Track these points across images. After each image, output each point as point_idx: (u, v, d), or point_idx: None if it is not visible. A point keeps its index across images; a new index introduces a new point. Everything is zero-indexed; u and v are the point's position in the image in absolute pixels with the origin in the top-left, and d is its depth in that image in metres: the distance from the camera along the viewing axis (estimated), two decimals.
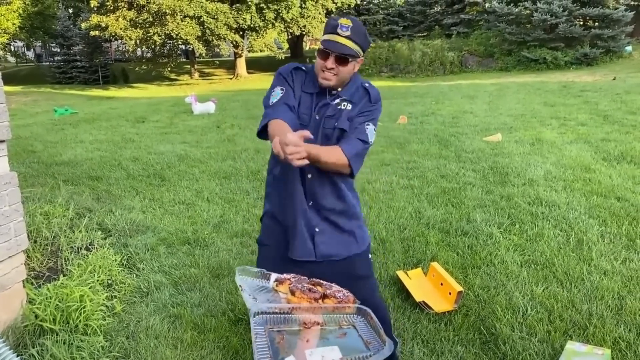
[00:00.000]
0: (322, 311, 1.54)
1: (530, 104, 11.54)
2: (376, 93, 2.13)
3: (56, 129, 10.60)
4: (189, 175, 6.40)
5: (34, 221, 4.11)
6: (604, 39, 21.78)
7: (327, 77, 2.02)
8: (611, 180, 5.47)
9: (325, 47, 1.99)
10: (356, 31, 1.98)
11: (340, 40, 1.96)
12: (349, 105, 2.07)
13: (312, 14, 25.83)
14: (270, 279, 1.70)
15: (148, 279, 3.62)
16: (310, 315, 1.51)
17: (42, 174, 6.49)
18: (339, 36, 1.97)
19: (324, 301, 1.57)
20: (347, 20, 1.97)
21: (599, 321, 2.91)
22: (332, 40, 1.98)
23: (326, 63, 2.00)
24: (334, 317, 1.55)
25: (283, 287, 1.62)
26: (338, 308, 1.55)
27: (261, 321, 1.46)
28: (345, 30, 1.96)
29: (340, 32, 1.97)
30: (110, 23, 23.29)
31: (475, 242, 4.11)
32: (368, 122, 2.05)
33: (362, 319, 1.55)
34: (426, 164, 6.53)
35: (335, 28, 1.98)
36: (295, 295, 1.54)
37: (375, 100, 2.11)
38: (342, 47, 1.97)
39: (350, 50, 1.98)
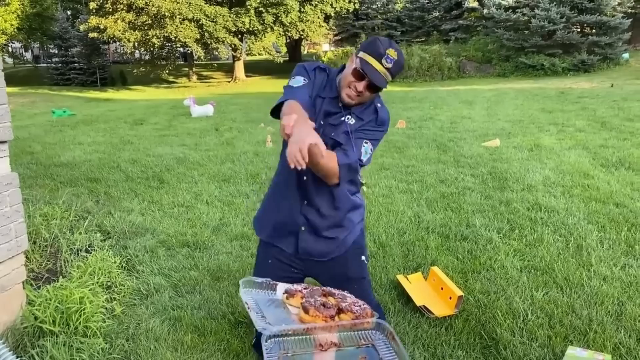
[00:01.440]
0: (339, 329, 1.43)
1: (528, 110, 11.58)
2: (385, 115, 2.09)
3: (54, 131, 10.59)
4: (188, 178, 6.39)
5: (33, 222, 4.10)
6: (602, 46, 21.87)
7: (351, 96, 1.99)
8: (610, 187, 5.49)
9: (364, 70, 1.92)
10: (397, 65, 1.94)
11: (380, 71, 1.92)
12: (352, 120, 2.04)
13: (310, 18, 25.90)
14: (277, 290, 1.61)
15: (148, 282, 3.61)
16: (326, 335, 1.41)
17: (40, 176, 6.47)
18: (381, 66, 1.92)
19: (340, 316, 1.45)
20: (395, 53, 1.92)
21: (599, 327, 2.91)
22: (373, 66, 1.92)
23: (357, 85, 1.96)
24: (352, 336, 1.45)
25: (294, 300, 1.53)
26: (356, 324, 1.43)
27: (274, 346, 1.36)
28: (389, 62, 1.92)
29: (384, 63, 1.92)
30: (109, 25, 23.28)
31: (474, 246, 4.11)
32: (367, 140, 2.02)
33: (381, 336, 1.45)
34: (425, 169, 6.54)
35: (381, 57, 1.92)
36: (309, 314, 1.42)
37: (381, 122, 2.07)
38: (381, 79, 1.93)
39: (385, 83, 1.95)
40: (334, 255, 2.19)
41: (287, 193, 2.17)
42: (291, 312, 1.48)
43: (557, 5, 21.74)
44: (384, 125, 2.08)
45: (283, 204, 2.19)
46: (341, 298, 1.52)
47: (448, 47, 26.08)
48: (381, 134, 2.09)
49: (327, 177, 1.96)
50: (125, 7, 23.43)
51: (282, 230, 2.19)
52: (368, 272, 2.37)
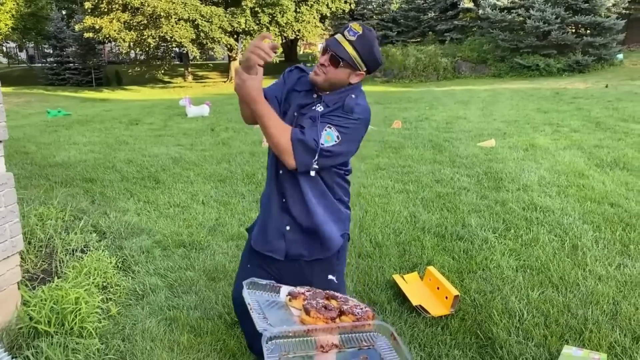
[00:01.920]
0: (340, 331, 1.43)
1: (523, 110, 11.62)
2: (352, 103, 1.97)
3: (49, 131, 10.55)
4: (183, 178, 6.38)
5: (28, 223, 4.09)
6: (596, 47, 21.97)
7: (316, 71, 1.97)
8: (604, 187, 5.51)
9: (326, 42, 1.98)
10: (362, 41, 1.91)
11: (341, 41, 1.92)
12: (321, 107, 1.99)
13: (306, 18, 25.89)
14: (281, 292, 1.61)
15: (143, 282, 3.60)
16: (327, 337, 1.40)
17: (35, 176, 6.45)
18: (344, 38, 1.92)
19: (341, 318, 1.45)
20: (359, 27, 1.92)
21: (595, 326, 2.93)
22: (335, 39, 1.94)
23: (321, 59, 1.97)
24: (353, 337, 1.44)
25: (297, 302, 1.52)
26: (357, 326, 1.43)
27: (274, 348, 1.35)
28: (351, 34, 1.91)
29: (345, 34, 1.92)
30: (104, 25, 23.19)
31: (470, 246, 4.12)
32: (330, 125, 1.92)
33: (383, 337, 1.45)
34: (421, 169, 6.55)
35: (344, 29, 1.94)
36: (311, 315, 1.42)
37: (348, 110, 1.96)
38: (339, 47, 1.91)
39: (345, 54, 1.91)
40: (301, 260, 2.11)
41: (268, 191, 2.15)
42: (293, 314, 1.48)
43: (552, 6, 21.83)
44: (351, 112, 1.95)
45: (268, 204, 2.16)
46: (343, 301, 1.52)
47: (443, 48, 26.11)
48: (350, 121, 1.94)
49: (281, 153, 1.89)
50: (120, 7, 23.34)
51: (269, 229, 2.14)
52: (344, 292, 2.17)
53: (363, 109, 1.99)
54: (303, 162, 1.91)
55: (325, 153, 1.91)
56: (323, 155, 1.91)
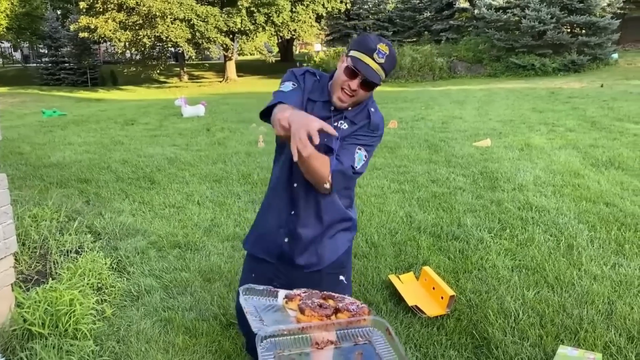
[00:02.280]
0: (336, 327, 1.43)
1: (519, 110, 11.64)
2: (378, 120, 1.98)
3: (44, 131, 10.51)
4: (179, 179, 6.36)
5: (23, 224, 4.07)
6: (591, 47, 22.03)
7: (343, 98, 1.90)
8: (600, 186, 5.53)
9: (356, 67, 1.84)
10: (390, 59, 1.86)
11: (373, 66, 1.84)
12: (345, 125, 1.94)
13: (302, 18, 25.88)
14: (279, 296, 1.60)
15: (138, 283, 3.59)
16: (322, 334, 1.40)
17: (30, 176, 6.42)
18: (373, 61, 1.84)
19: (337, 316, 1.46)
20: (386, 47, 1.85)
21: (590, 325, 2.93)
22: (365, 62, 1.84)
23: (351, 84, 1.87)
24: (349, 333, 1.44)
25: (293, 304, 1.53)
26: (352, 322, 1.44)
27: (269, 346, 1.35)
28: (381, 57, 1.84)
29: (375, 58, 1.83)
30: (100, 25, 23.13)
31: (466, 246, 4.12)
32: (360, 146, 1.92)
33: (379, 332, 1.45)
34: (417, 169, 6.55)
35: (372, 52, 1.84)
36: (305, 314, 1.43)
37: (374, 128, 1.97)
38: (374, 74, 1.84)
39: (379, 79, 1.86)
40: (313, 269, 2.08)
41: (275, 202, 2.10)
42: (290, 315, 1.49)
43: (547, 6, 21.87)
44: (377, 130, 1.97)
45: (270, 214, 2.12)
46: (340, 299, 1.53)
47: (439, 48, 26.15)
48: (375, 139, 1.98)
49: (318, 184, 1.88)
50: (115, 6, 23.28)
51: (266, 241, 2.11)
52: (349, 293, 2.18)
53: (383, 121, 2.02)
54: (338, 186, 1.92)
55: (356, 175, 1.94)
56: (354, 177, 1.96)
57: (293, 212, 2.04)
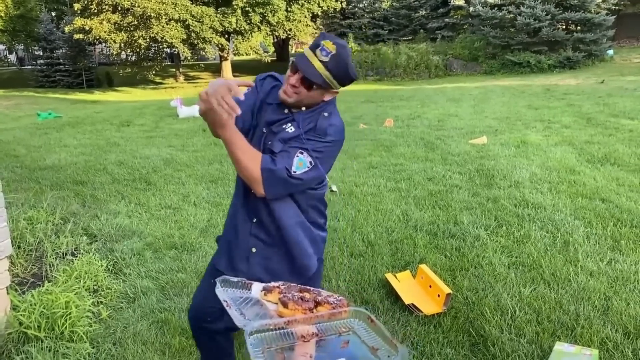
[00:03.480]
0: (318, 320, 1.44)
1: (514, 107, 11.65)
2: (325, 124, 1.84)
3: (40, 133, 10.48)
4: (175, 180, 6.35)
5: (18, 227, 4.05)
6: (586, 43, 22.06)
7: (287, 92, 1.82)
8: (596, 182, 5.54)
9: (296, 61, 1.79)
10: (337, 61, 1.76)
11: (313, 62, 1.76)
12: (292, 128, 1.85)
13: (297, 17, 25.84)
14: (252, 289, 1.59)
15: (135, 285, 3.58)
16: (306, 327, 1.42)
17: (25, 179, 6.40)
18: (315, 57, 1.77)
19: (318, 309, 1.47)
20: (332, 45, 1.76)
21: (586, 322, 2.93)
22: (307, 58, 1.78)
23: (291, 78, 1.81)
24: (331, 325, 1.46)
25: (272, 296, 1.52)
26: (334, 314, 1.46)
27: (257, 342, 1.36)
28: (324, 55, 1.75)
29: (317, 54, 1.76)
30: (94, 26, 23.05)
31: (462, 244, 4.12)
32: (302, 150, 1.79)
33: (361, 322, 1.47)
34: (413, 167, 6.55)
35: (316, 47, 1.77)
36: (289, 307, 1.44)
37: (320, 132, 1.83)
38: (313, 70, 1.76)
39: (319, 78, 1.77)
40: None
41: (237, 212, 2.02)
42: (269, 308, 1.49)
43: (542, 3, 21.89)
44: (325, 135, 1.82)
45: (233, 224, 2.03)
46: (317, 293, 1.55)
47: (435, 46, 26.15)
48: (326, 145, 1.83)
49: (249, 181, 1.80)
50: (110, 8, 23.20)
51: (233, 253, 2.03)
52: None
53: (337, 129, 1.87)
54: (272, 191, 1.81)
55: (296, 181, 1.80)
56: (294, 184, 1.81)
57: (255, 220, 1.96)
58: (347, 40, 28.30)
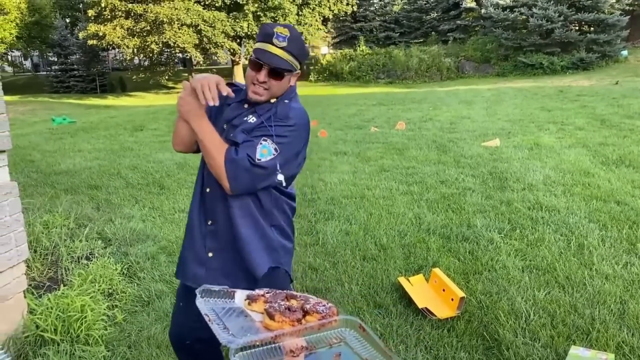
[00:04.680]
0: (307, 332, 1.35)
1: (527, 109, 11.58)
2: (286, 110, 1.81)
3: (54, 138, 10.60)
4: (188, 183, 6.38)
5: (34, 231, 4.10)
6: (600, 44, 21.89)
7: (257, 91, 1.80)
8: (610, 185, 5.48)
9: (257, 57, 1.76)
10: (294, 41, 1.76)
11: (274, 51, 1.75)
12: (253, 118, 1.82)
13: (309, 21, 25.94)
14: (236, 297, 1.49)
15: (149, 288, 3.61)
16: (295, 340, 1.33)
17: (40, 184, 6.48)
18: (274, 46, 1.75)
19: (306, 319, 1.37)
20: (284, 29, 1.75)
21: (602, 326, 2.90)
22: (265, 50, 1.75)
23: (258, 75, 1.77)
24: (322, 337, 1.37)
25: (257, 305, 1.42)
26: (324, 324, 1.36)
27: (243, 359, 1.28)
28: (281, 40, 1.74)
29: (275, 42, 1.75)
30: (108, 32, 23.33)
31: (476, 247, 4.10)
32: (266, 137, 1.75)
33: (351, 331, 1.38)
34: (425, 170, 6.54)
35: (270, 37, 1.75)
36: (275, 320, 1.33)
37: (282, 117, 1.79)
38: (277, 59, 1.75)
39: (286, 64, 1.76)
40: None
41: (193, 214, 1.95)
42: (254, 319, 1.39)
43: (554, 4, 21.78)
44: (287, 119, 1.79)
45: (189, 228, 1.96)
46: (304, 299, 1.44)
47: (446, 48, 26.11)
48: (290, 130, 1.78)
49: (218, 176, 1.76)
50: (123, 14, 23.48)
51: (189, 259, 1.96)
52: None
53: (299, 112, 1.84)
54: (238, 184, 1.74)
55: (261, 170, 1.73)
56: (259, 174, 1.74)
57: (210, 222, 1.90)
58: (359, 43, 28.35)
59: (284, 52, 1.75)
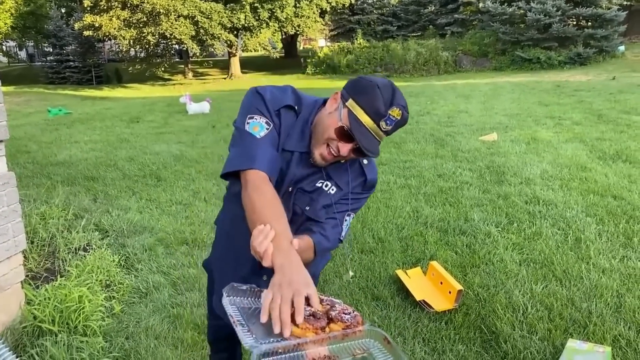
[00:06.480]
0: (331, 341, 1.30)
1: (525, 104, 11.58)
2: (374, 177, 1.62)
3: (50, 129, 10.54)
4: (185, 176, 6.37)
5: (31, 222, 4.09)
6: (597, 39, 21.87)
7: (328, 158, 1.48)
8: (607, 179, 5.50)
9: (354, 132, 1.40)
10: (399, 125, 1.46)
11: (376, 134, 1.42)
12: (333, 189, 1.55)
13: (306, 13, 25.82)
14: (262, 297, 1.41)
15: (147, 280, 3.61)
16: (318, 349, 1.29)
17: (37, 175, 6.45)
18: (379, 129, 1.42)
19: (330, 326, 1.33)
20: (399, 112, 1.42)
21: (599, 319, 2.92)
22: (367, 128, 1.40)
23: (341, 147, 1.44)
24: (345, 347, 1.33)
25: None
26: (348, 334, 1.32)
27: None
28: (389, 124, 1.42)
29: (382, 126, 1.41)
30: (104, 23, 23.17)
31: (473, 241, 4.11)
32: (350, 212, 1.59)
33: (376, 342, 1.34)
34: (423, 164, 6.54)
35: (379, 118, 1.40)
36: (299, 326, 1.29)
37: (370, 186, 1.62)
38: (375, 145, 1.43)
39: (377, 151, 1.45)
40: None
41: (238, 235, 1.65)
42: None
43: None
44: (372, 188, 1.62)
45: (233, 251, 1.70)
46: (330, 304, 1.40)
47: (444, 42, 26.05)
48: (366, 199, 1.65)
49: None
50: (119, 4, 23.31)
51: None
52: None
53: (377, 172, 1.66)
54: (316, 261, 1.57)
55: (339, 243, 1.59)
56: None
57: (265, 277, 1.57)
58: (356, 36, 28.26)
59: (383, 135, 1.44)
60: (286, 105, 1.50)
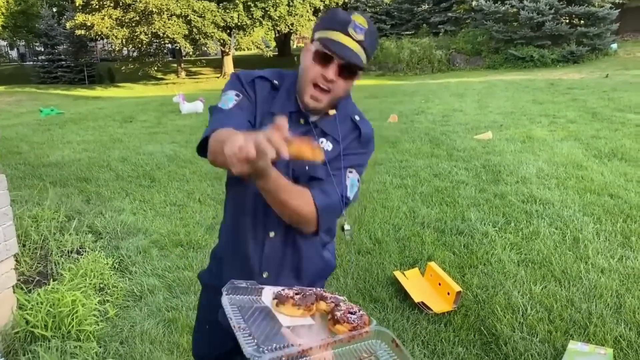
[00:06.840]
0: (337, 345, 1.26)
1: (519, 102, 11.58)
2: (369, 130, 1.56)
3: (42, 130, 10.44)
4: (179, 176, 6.31)
5: (22, 225, 4.02)
6: (590, 37, 21.94)
7: (319, 96, 1.43)
8: (603, 178, 5.49)
9: (330, 48, 1.38)
10: (370, 36, 1.42)
11: (351, 45, 1.38)
12: (328, 144, 1.50)
13: (299, 11, 25.75)
14: (263, 294, 1.40)
15: (141, 283, 3.55)
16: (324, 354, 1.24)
17: (29, 176, 6.37)
18: (350, 38, 1.38)
19: (336, 327, 1.29)
20: (362, 19, 1.40)
21: (599, 320, 2.90)
22: (340, 42, 1.38)
23: (325, 72, 1.40)
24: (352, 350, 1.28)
25: (285, 308, 1.34)
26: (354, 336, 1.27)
27: None
28: (359, 32, 1.38)
29: (351, 33, 1.38)
30: (96, 22, 22.99)
31: (471, 241, 4.08)
32: (351, 168, 1.51)
33: (383, 344, 1.30)
34: (418, 163, 6.51)
35: (345, 25, 1.38)
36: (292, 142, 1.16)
37: (366, 140, 1.55)
38: (354, 54, 1.39)
39: (361, 62, 1.41)
40: None
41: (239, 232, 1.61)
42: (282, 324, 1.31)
43: None
44: (369, 142, 1.56)
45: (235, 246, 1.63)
46: (334, 303, 1.36)
47: (438, 40, 26.04)
48: (367, 157, 1.57)
49: (300, 223, 1.48)
50: (112, 3, 23.15)
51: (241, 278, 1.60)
52: None
53: (372, 131, 1.59)
54: (325, 225, 1.51)
55: (347, 204, 1.52)
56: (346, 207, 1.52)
57: (266, 275, 1.57)
58: None
59: (360, 47, 1.40)
60: (259, 76, 1.53)
